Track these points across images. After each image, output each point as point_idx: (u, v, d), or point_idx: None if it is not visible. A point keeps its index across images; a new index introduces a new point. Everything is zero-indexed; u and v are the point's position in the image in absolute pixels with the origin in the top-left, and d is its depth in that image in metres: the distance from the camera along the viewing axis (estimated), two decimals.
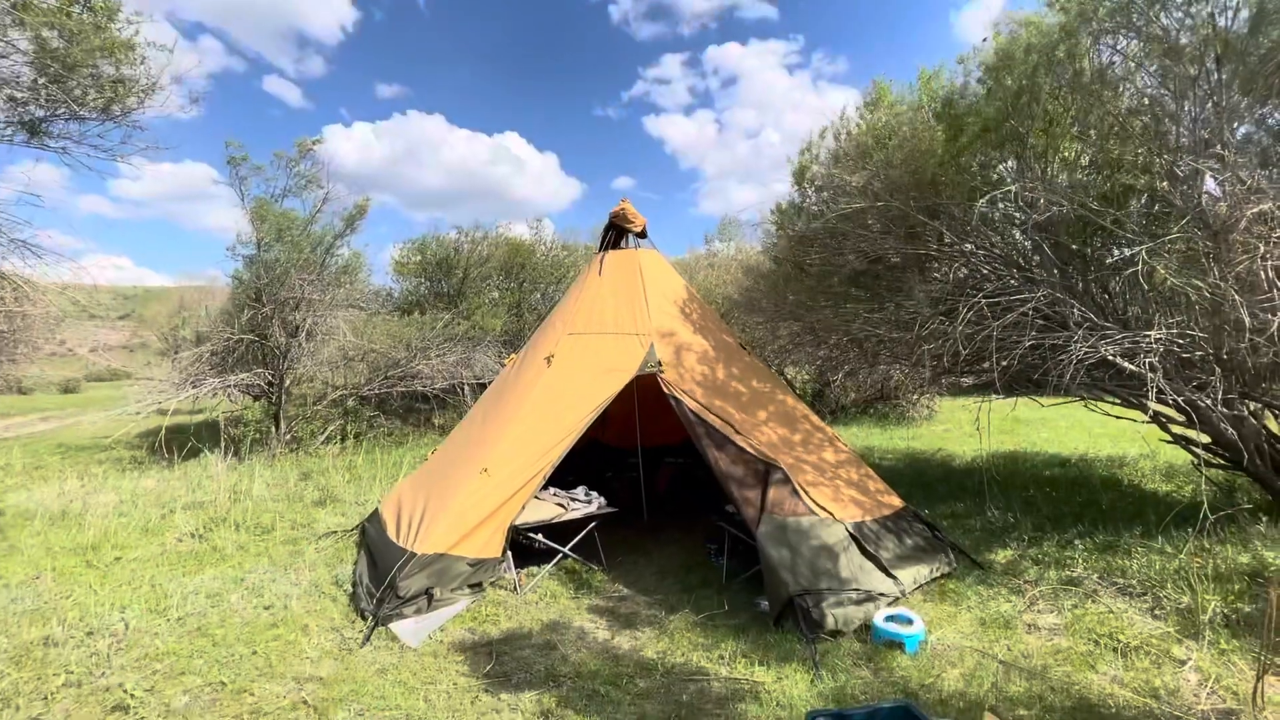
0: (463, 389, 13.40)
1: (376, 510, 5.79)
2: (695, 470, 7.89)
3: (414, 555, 4.32)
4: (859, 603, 3.92)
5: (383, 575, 4.46)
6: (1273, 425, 5.25)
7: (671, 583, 4.79)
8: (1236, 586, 3.90)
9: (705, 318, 6.04)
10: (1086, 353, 4.35)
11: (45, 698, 3.29)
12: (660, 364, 5.21)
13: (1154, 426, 5.53)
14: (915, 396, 12.85)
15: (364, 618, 4.16)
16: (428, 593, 4.23)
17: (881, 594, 4.07)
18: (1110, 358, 4.47)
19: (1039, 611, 3.94)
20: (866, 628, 3.76)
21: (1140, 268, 3.84)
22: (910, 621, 3.63)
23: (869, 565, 4.25)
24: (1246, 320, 3.55)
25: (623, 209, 6.28)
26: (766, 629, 3.81)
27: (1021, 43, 4.83)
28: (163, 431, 9.42)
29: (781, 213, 6.69)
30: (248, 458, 9.88)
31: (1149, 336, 4.36)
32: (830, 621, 3.70)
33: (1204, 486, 4.74)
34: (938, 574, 4.52)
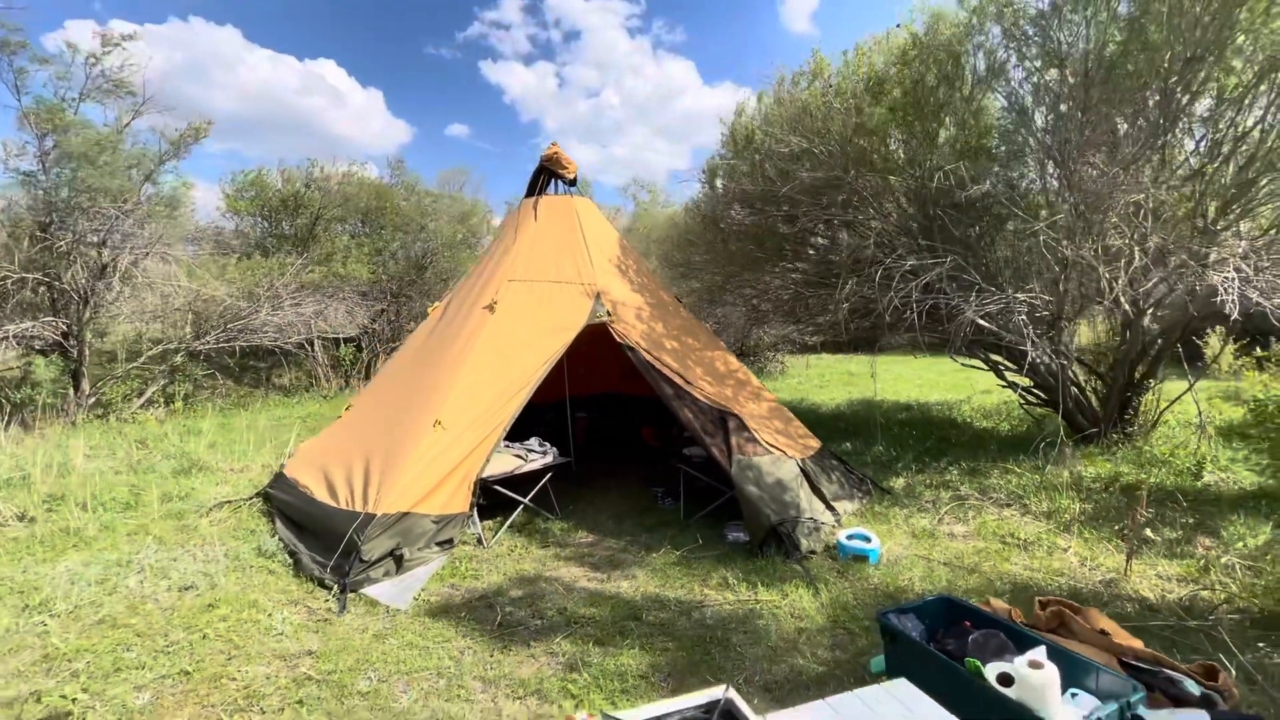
0: (312, 344, 11.98)
1: (282, 475, 5.14)
2: (604, 422, 8.04)
3: (373, 517, 3.95)
4: (815, 530, 4.41)
5: (328, 542, 4.03)
6: (1075, 372, 6.76)
7: (632, 526, 4.93)
8: (1078, 494, 5.04)
9: (641, 272, 6.11)
10: (977, 310, 5.23)
11: None
12: (610, 314, 5.21)
13: (968, 375, 6.80)
14: (771, 353, 14.13)
15: (325, 587, 3.74)
16: (395, 554, 3.92)
17: (823, 523, 4.61)
18: (976, 318, 5.40)
19: (949, 524, 4.75)
20: (828, 548, 4.26)
21: (1039, 239, 4.67)
22: (868, 539, 4.18)
23: (815, 498, 4.78)
24: (1110, 289, 4.53)
25: (555, 153, 6.06)
26: (747, 557, 4.13)
27: (936, 35, 5.49)
28: None
29: (711, 173, 6.93)
30: (36, 426, 7.99)
31: (1019, 298, 5.36)
32: (805, 545, 4.13)
33: (1060, 422, 6.01)
34: (860, 503, 5.20)
